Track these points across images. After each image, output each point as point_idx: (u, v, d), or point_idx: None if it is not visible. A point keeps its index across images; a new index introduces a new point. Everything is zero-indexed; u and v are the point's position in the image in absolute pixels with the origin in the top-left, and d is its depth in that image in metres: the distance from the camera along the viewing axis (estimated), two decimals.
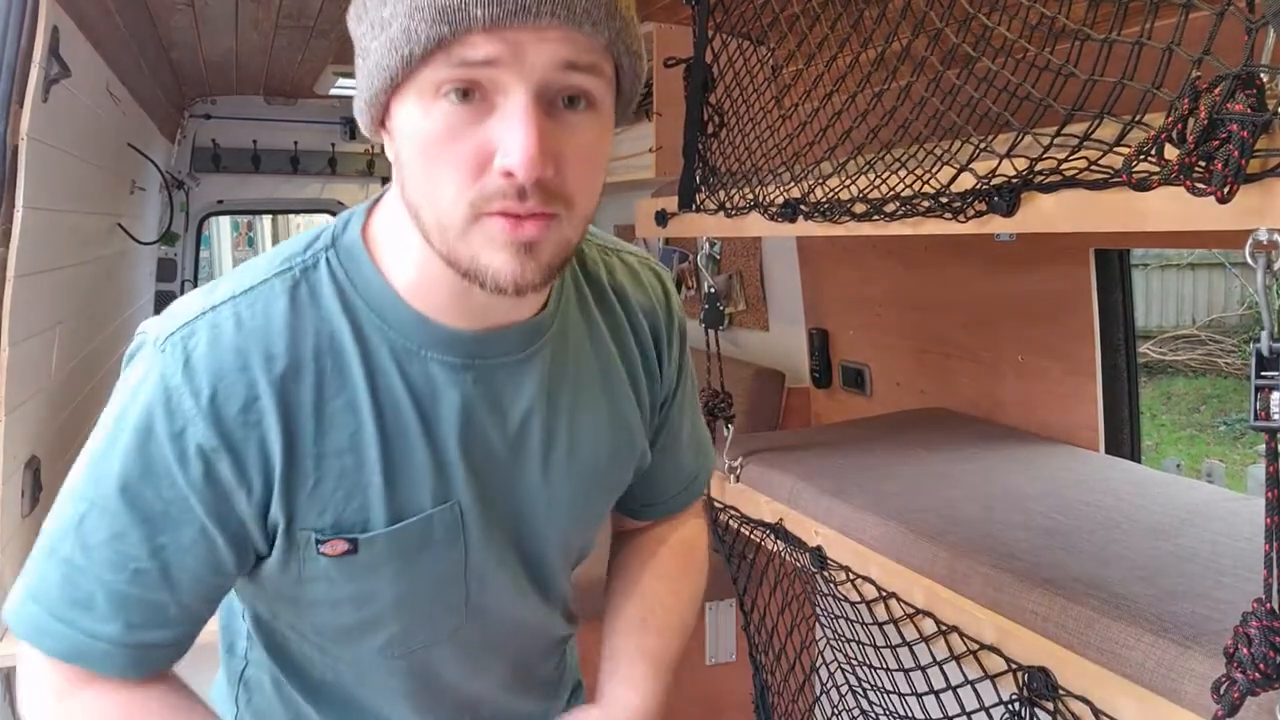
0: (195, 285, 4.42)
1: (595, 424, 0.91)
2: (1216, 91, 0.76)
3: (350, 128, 4.40)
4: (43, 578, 0.78)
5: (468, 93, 0.67)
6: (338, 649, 0.90)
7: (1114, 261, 1.91)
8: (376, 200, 0.83)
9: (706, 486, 1.14)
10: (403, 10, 0.66)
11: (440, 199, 0.70)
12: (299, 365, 0.76)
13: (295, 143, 4.33)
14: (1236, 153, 0.75)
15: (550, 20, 0.65)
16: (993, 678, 1.17)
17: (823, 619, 1.70)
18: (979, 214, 1.10)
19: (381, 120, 0.73)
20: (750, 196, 1.55)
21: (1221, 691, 0.83)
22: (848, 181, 1.32)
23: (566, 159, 0.69)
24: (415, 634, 0.88)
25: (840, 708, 1.71)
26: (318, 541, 0.79)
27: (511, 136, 0.66)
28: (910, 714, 1.43)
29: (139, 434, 0.74)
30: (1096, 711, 1.02)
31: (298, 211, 6.24)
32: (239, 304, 0.77)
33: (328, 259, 0.80)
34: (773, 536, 1.66)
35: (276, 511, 0.77)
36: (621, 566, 1.06)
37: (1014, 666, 1.13)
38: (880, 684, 1.53)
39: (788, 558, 1.65)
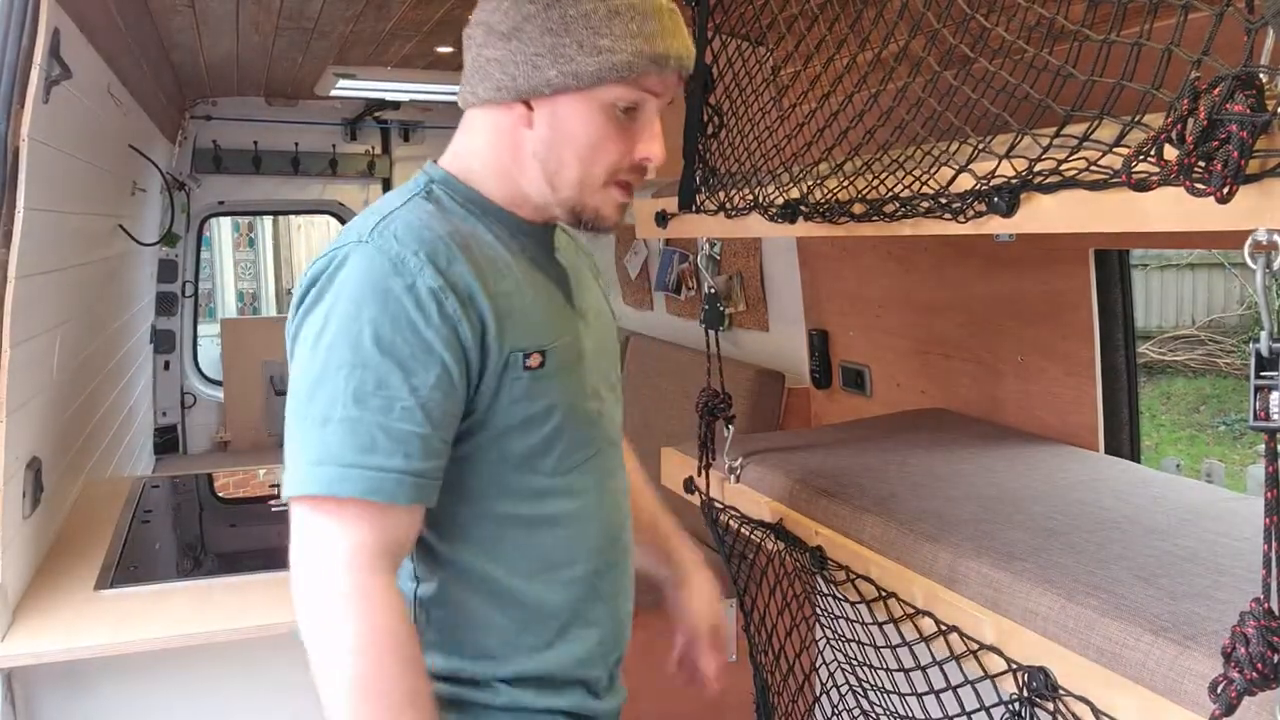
0: (196, 286, 4.43)
1: (599, 297, 1.25)
2: (1216, 92, 0.76)
3: (351, 129, 4.41)
4: (323, 443, 0.94)
5: (629, 109, 1.04)
6: (521, 483, 1.07)
7: (1113, 262, 1.91)
8: (436, 159, 1.13)
9: None
10: (627, 48, 1.00)
11: (592, 168, 1.05)
12: (463, 238, 1.04)
13: (296, 144, 4.33)
14: (1236, 153, 0.75)
15: (682, 71, 1.06)
16: (993, 677, 1.17)
17: (823, 619, 1.70)
18: (978, 214, 1.10)
19: (526, 99, 1.04)
20: (750, 197, 1.55)
21: (1219, 691, 0.83)
22: (847, 182, 1.32)
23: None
24: (574, 448, 1.10)
25: (840, 707, 1.71)
26: (525, 356, 1.03)
27: (655, 143, 1.07)
28: (910, 714, 1.43)
29: (379, 295, 0.96)
30: (1096, 711, 1.02)
31: (299, 212, 6.25)
32: (400, 213, 1.03)
33: (436, 188, 1.09)
34: (773, 536, 1.66)
35: (492, 335, 1.00)
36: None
37: (1014, 666, 1.13)
38: (880, 684, 1.53)
39: (788, 558, 1.65)
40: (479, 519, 1.06)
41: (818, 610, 1.71)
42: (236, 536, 2.46)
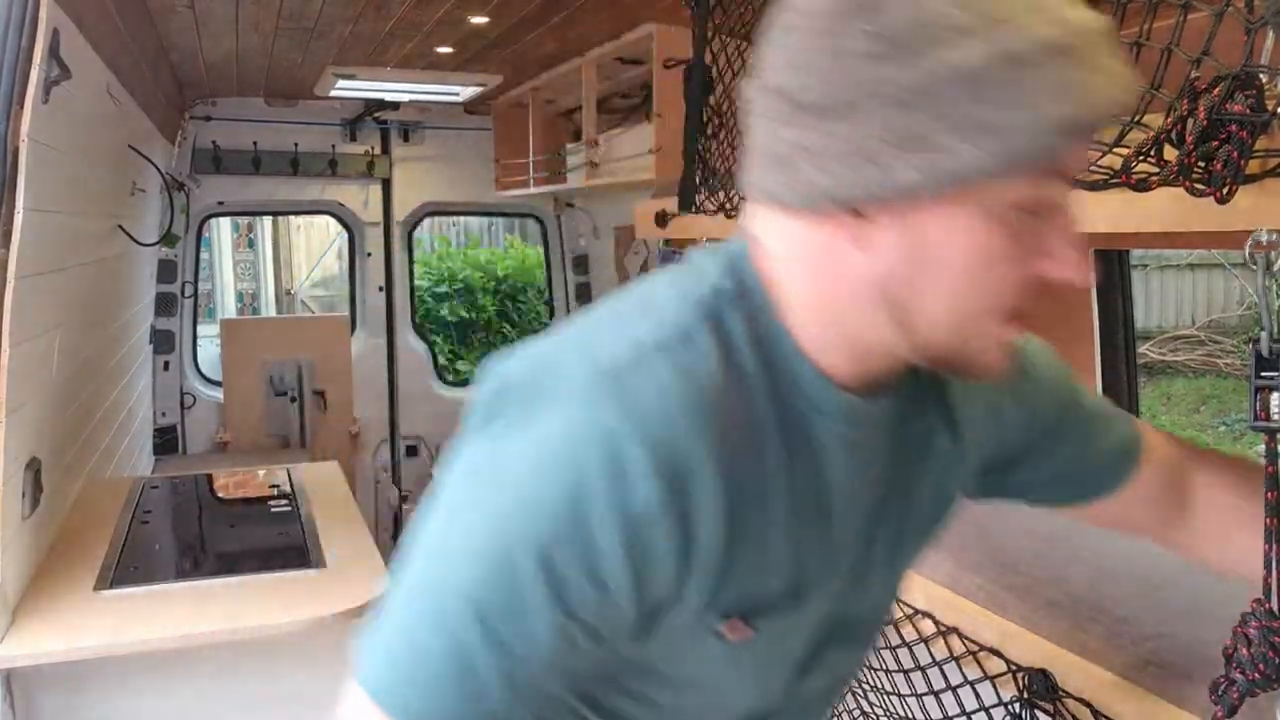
0: (195, 287, 4.43)
1: (938, 493, 0.84)
2: (1215, 92, 0.76)
3: (351, 129, 4.41)
4: (424, 649, 0.64)
5: (1036, 210, 0.62)
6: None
7: (1113, 262, 1.91)
8: (747, 252, 0.74)
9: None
10: (1038, 118, 0.57)
11: (977, 305, 0.65)
12: (742, 430, 0.66)
13: (295, 144, 4.33)
14: (1236, 153, 0.75)
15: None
16: (993, 679, 1.17)
17: None
18: None
19: (857, 213, 0.63)
20: None
21: (1220, 692, 0.83)
22: None
23: None
24: (766, 710, 0.79)
25: (839, 708, 1.71)
26: (721, 618, 0.69)
27: (1073, 253, 0.64)
28: (910, 715, 1.43)
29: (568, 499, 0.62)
30: (1096, 713, 1.02)
31: (298, 213, 6.25)
32: (671, 358, 0.65)
33: (737, 315, 0.69)
34: None
35: (691, 593, 0.66)
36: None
37: (1014, 668, 1.13)
38: (880, 684, 1.53)
39: None
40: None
41: None
42: (236, 537, 2.46)
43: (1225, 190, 0.76)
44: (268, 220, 9.70)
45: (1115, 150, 0.89)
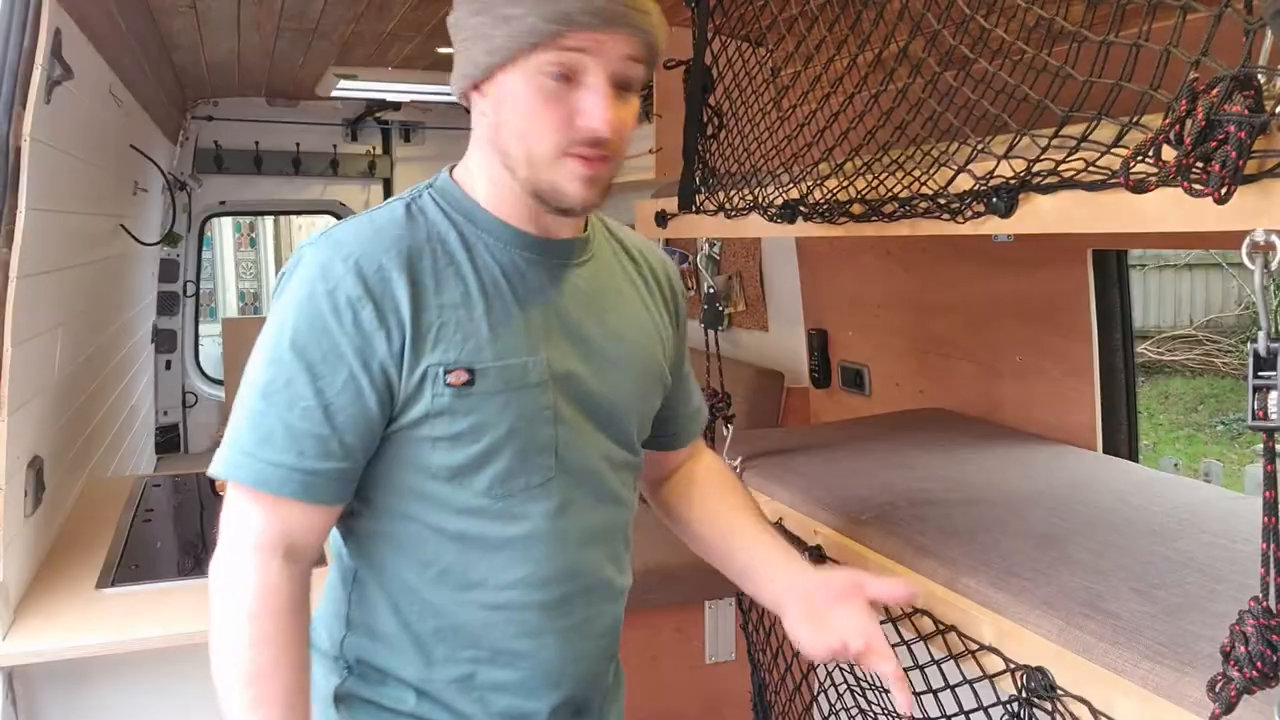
0: (197, 286, 4.44)
1: (635, 324, 1.18)
2: (1214, 93, 0.76)
3: (352, 129, 4.42)
4: (236, 428, 1.01)
5: (562, 75, 0.97)
6: (451, 497, 1.05)
7: (1112, 262, 1.92)
8: (453, 165, 1.12)
9: (705, 420, 1.40)
10: (530, 10, 0.95)
11: (535, 143, 0.99)
12: (418, 246, 1.03)
13: (297, 144, 4.34)
14: (1234, 154, 0.75)
15: (623, 28, 0.97)
16: (991, 677, 1.18)
17: None
18: (977, 215, 1.10)
19: (476, 86, 1.02)
20: (750, 197, 1.56)
21: (1218, 690, 0.83)
22: (847, 182, 1.33)
23: (618, 124, 1.00)
24: (516, 473, 1.05)
25: (838, 706, 1.72)
26: (445, 372, 1.01)
27: (595, 109, 0.97)
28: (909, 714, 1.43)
29: (303, 299, 0.99)
30: (1095, 711, 1.03)
31: (300, 213, 6.24)
32: (362, 218, 1.06)
33: (429, 193, 1.09)
34: None
35: (409, 352, 1.00)
36: (699, 500, 1.32)
37: (1012, 666, 1.14)
38: (878, 683, 1.53)
39: None
40: (403, 519, 1.06)
41: None
42: None
43: (1223, 190, 0.76)
44: (269, 220, 9.70)
45: (1114, 151, 0.90)
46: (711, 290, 1.84)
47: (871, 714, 1.61)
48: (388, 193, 4.57)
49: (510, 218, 1.07)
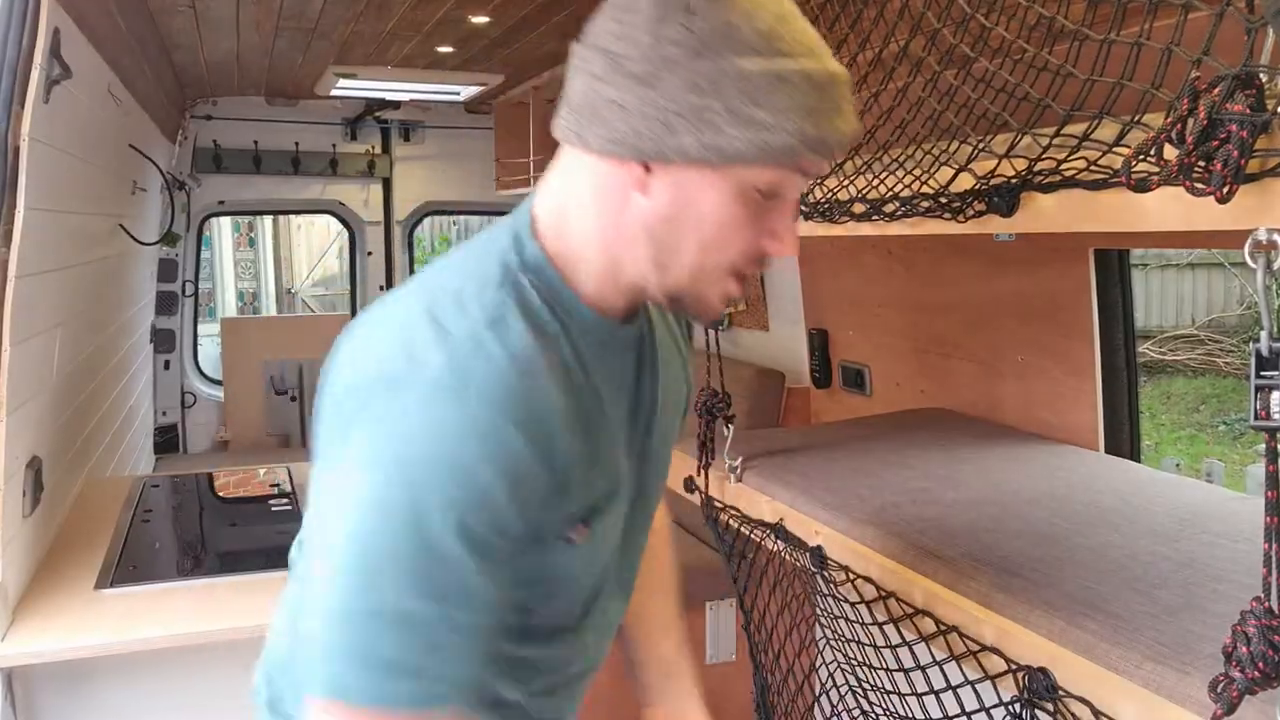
0: (196, 286, 4.44)
1: (674, 375, 1.05)
2: (1216, 92, 0.76)
3: (351, 128, 4.42)
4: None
5: (770, 194, 0.83)
6: (540, 630, 0.95)
7: (1113, 261, 1.91)
8: (533, 215, 0.91)
9: None
10: (789, 127, 0.79)
11: (716, 257, 0.85)
12: (560, 375, 0.85)
13: (296, 143, 4.33)
14: (1236, 153, 0.75)
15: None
16: (993, 678, 1.17)
17: (823, 619, 1.70)
18: (978, 214, 1.10)
19: (648, 163, 0.82)
20: None
21: (1219, 690, 0.83)
22: (847, 181, 1.33)
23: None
24: (601, 584, 0.98)
25: (840, 707, 1.71)
26: (570, 527, 0.88)
27: (789, 235, 0.86)
28: (910, 714, 1.43)
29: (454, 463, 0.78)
30: (1096, 712, 1.02)
31: (299, 212, 6.25)
32: (500, 339, 0.82)
33: (528, 279, 0.87)
34: (773, 536, 1.66)
35: (554, 513, 0.85)
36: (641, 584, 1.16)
37: (1014, 667, 1.13)
38: (880, 684, 1.53)
39: (788, 557, 1.65)
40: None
41: (818, 610, 1.71)
42: (236, 536, 2.46)
43: (1225, 190, 0.76)
44: (268, 219, 9.71)
45: (1115, 150, 0.89)
46: None
47: (874, 715, 1.60)
48: (387, 192, 4.54)
49: (608, 310, 0.91)
